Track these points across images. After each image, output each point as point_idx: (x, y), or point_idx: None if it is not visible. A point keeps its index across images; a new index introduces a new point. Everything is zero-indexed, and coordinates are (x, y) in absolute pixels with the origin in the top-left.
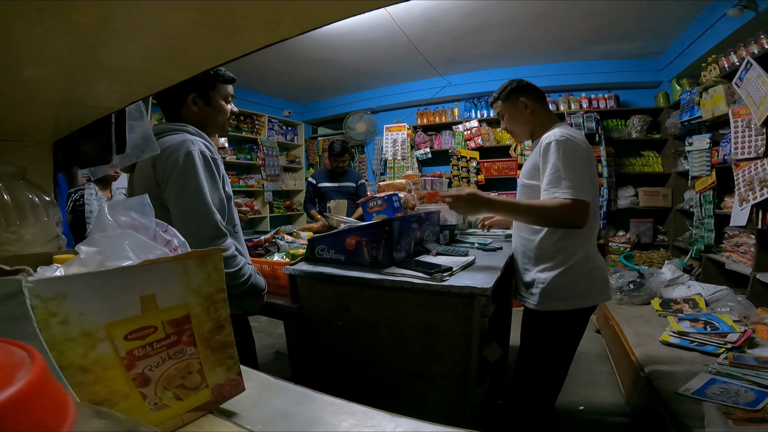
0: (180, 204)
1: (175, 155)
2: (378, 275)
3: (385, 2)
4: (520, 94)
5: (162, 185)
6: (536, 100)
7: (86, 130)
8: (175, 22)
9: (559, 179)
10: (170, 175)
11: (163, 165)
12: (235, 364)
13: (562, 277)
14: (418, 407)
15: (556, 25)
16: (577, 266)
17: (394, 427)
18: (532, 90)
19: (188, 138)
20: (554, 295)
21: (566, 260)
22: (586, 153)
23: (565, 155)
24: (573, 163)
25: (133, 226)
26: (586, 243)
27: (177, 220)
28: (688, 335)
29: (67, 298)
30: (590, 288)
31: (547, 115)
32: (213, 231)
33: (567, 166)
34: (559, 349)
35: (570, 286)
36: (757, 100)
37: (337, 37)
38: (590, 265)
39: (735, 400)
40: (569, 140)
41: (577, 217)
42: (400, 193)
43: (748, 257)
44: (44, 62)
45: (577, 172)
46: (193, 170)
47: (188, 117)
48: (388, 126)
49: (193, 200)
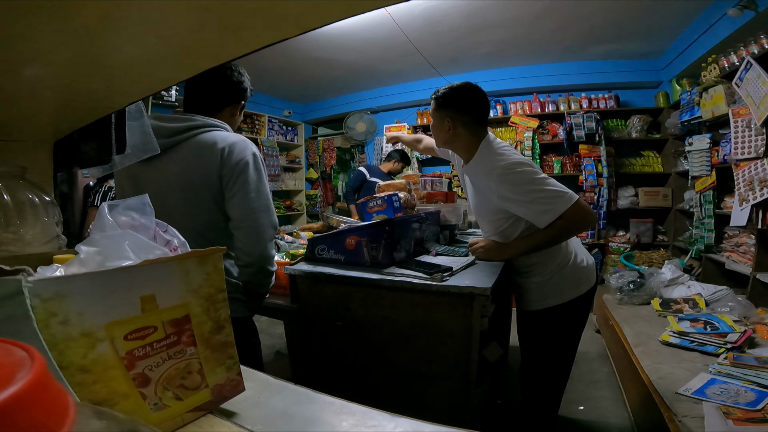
0: (251, 204)
1: (244, 154)
2: (378, 275)
3: (385, 2)
4: (448, 111)
5: (228, 182)
6: (463, 123)
7: (86, 130)
8: (175, 22)
9: (546, 199)
10: (241, 173)
11: (232, 162)
12: (235, 364)
13: (547, 275)
14: (418, 407)
15: (556, 25)
16: (560, 259)
17: (393, 427)
18: (465, 106)
19: (243, 138)
20: (545, 295)
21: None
22: (530, 163)
23: (526, 176)
24: (536, 177)
25: (133, 226)
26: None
27: (244, 217)
28: (688, 335)
29: (67, 298)
30: (576, 278)
31: (471, 139)
32: (274, 231)
33: (538, 184)
34: (561, 345)
35: (557, 279)
36: (757, 100)
37: (337, 37)
38: (568, 255)
39: (735, 400)
40: (517, 164)
41: (589, 217)
42: (400, 193)
43: (748, 257)
44: (44, 62)
45: (547, 181)
46: (262, 172)
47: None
48: (388, 126)
49: (265, 202)
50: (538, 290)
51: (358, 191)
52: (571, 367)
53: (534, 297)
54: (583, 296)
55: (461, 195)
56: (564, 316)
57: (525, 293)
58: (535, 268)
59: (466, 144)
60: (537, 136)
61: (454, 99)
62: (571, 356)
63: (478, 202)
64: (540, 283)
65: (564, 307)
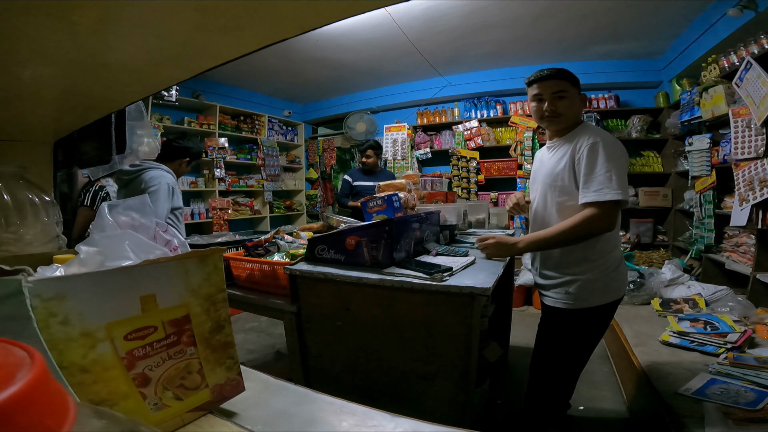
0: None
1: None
2: (378, 275)
3: (385, 2)
4: (580, 90)
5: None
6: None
7: (86, 130)
8: (175, 22)
9: (609, 179)
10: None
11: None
12: (235, 364)
13: (597, 273)
14: (418, 407)
15: (556, 25)
16: (611, 259)
17: (394, 427)
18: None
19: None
20: (590, 292)
21: (600, 256)
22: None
23: (615, 155)
24: (620, 161)
25: (133, 226)
26: (616, 235)
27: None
28: (688, 335)
29: (67, 298)
30: (621, 279)
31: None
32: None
33: (616, 166)
34: (584, 348)
35: (605, 280)
36: (757, 100)
37: (337, 37)
38: (619, 255)
39: (735, 400)
40: (616, 143)
41: (607, 226)
42: (400, 193)
43: (748, 257)
44: (45, 62)
45: (621, 172)
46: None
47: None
48: (388, 126)
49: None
50: (584, 288)
51: (347, 197)
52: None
53: (581, 295)
54: (619, 300)
55: (461, 195)
56: (600, 317)
57: (571, 289)
58: (587, 264)
59: (579, 121)
60: (537, 136)
61: (576, 77)
62: (589, 357)
63: (550, 169)
64: (589, 281)
65: (603, 308)
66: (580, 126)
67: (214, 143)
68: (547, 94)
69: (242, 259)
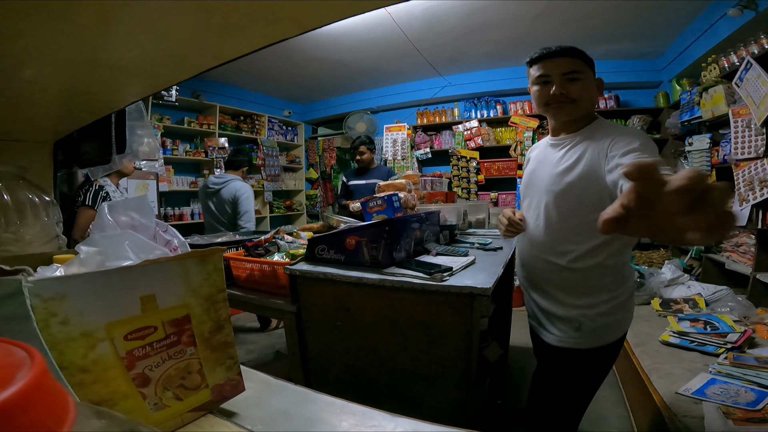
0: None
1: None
2: (378, 275)
3: (385, 2)
4: (595, 73)
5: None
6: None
7: (86, 130)
8: (176, 22)
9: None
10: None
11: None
12: (235, 364)
13: (615, 305)
14: (418, 407)
15: (556, 25)
16: (630, 286)
17: (394, 427)
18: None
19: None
20: (606, 327)
21: (621, 284)
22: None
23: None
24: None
25: (133, 226)
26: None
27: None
28: (688, 335)
29: (67, 298)
30: (633, 303)
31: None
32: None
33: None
34: (595, 385)
35: (623, 312)
36: (757, 100)
37: (337, 37)
38: (634, 278)
39: (735, 400)
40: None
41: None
42: (400, 193)
43: (748, 257)
44: (45, 62)
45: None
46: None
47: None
48: (388, 126)
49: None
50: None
51: (343, 197)
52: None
53: (596, 332)
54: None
55: (461, 195)
56: (614, 350)
57: (583, 326)
58: (605, 293)
59: (592, 107)
60: (537, 136)
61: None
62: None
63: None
64: (604, 314)
65: (619, 340)
66: (598, 122)
67: (214, 143)
68: (556, 74)
69: (242, 259)
